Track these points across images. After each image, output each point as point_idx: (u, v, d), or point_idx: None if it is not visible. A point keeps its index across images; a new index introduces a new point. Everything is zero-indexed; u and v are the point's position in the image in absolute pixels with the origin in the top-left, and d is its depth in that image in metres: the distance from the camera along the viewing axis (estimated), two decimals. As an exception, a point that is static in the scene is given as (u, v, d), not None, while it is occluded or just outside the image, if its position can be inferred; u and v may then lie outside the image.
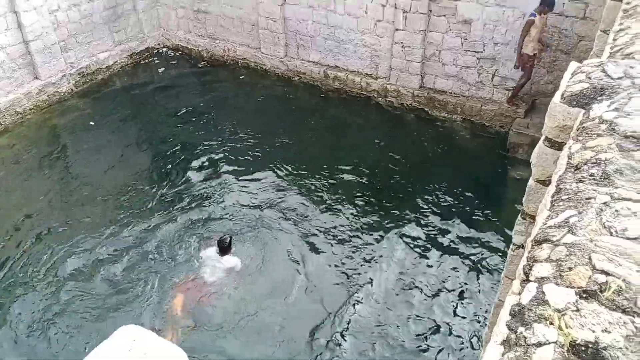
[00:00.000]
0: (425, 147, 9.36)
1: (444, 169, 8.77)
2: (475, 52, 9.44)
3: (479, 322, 6.24)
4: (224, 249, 6.77)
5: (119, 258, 7.08)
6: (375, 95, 10.65)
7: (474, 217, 7.76)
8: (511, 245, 3.42)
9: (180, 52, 12.86)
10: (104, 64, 11.78)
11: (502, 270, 6.82)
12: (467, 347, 6.01)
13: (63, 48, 10.90)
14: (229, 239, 6.84)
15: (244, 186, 8.48)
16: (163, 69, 12.31)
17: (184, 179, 8.68)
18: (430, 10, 9.42)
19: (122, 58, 12.17)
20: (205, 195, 8.30)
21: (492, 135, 9.48)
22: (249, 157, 9.18)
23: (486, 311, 6.36)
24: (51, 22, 10.45)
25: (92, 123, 10.25)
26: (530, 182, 3.06)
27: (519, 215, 3.27)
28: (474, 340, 6.05)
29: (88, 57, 11.51)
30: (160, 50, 12.92)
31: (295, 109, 10.64)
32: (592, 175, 2.08)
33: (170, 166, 9.03)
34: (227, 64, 12.27)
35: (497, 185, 8.48)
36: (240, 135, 9.82)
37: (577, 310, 1.49)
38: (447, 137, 9.61)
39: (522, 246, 3.35)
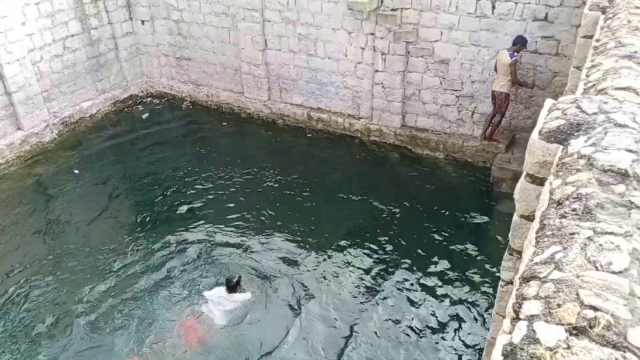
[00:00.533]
0: (410, 185, 9.44)
1: (429, 206, 8.82)
2: (454, 90, 9.67)
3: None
4: (233, 287, 6.92)
5: (102, 308, 6.94)
6: (359, 135, 10.78)
7: (462, 255, 7.77)
8: (500, 282, 3.42)
9: (164, 99, 12.96)
10: (87, 112, 11.81)
11: (493, 306, 6.83)
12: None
13: (46, 98, 10.93)
14: (237, 277, 7.02)
15: (230, 231, 8.43)
16: (147, 114, 12.37)
17: (169, 226, 8.61)
18: (409, 52, 9.68)
19: (106, 106, 12.23)
20: (191, 241, 8.22)
21: (475, 171, 9.61)
22: (234, 202, 9.16)
23: (475, 347, 6.30)
24: (34, 73, 10.52)
25: (76, 171, 10.19)
26: (515, 217, 3.09)
27: (506, 251, 3.29)
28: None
29: (71, 107, 11.54)
30: (144, 98, 13.01)
31: (280, 151, 10.71)
32: (574, 210, 2.11)
33: (155, 214, 8.96)
34: (211, 109, 12.38)
35: (483, 220, 8.53)
36: (226, 179, 9.82)
37: (568, 347, 1.48)
38: (430, 174, 9.71)
39: (511, 282, 3.35)
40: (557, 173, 2.46)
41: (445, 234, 8.16)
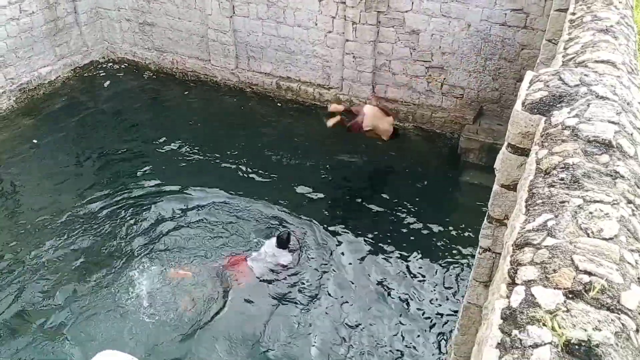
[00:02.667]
0: (378, 155, 9.50)
1: (398, 175, 8.95)
2: (424, 61, 9.70)
3: (443, 324, 6.37)
4: (282, 243, 7.05)
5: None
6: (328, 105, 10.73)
7: (430, 224, 7.93)
8: (478, 249, 3.51)
9: (126, 65, 12.54)
10: (46, 79, 11.33)
11: (459, 272, 7.05)
12: (432, 354, 6.12)
13: (2, 64, 10.42)
14: (287, 234, 7.17)
15: (194, 200, 8.34)
16: (108, 82, 11.96)
17: (131, 195, 8.47)
18: (379, 22, 9.62)
19: (65, 73, 11.75)
20: (153, 210, 8.11)
21: (444, 141, 9.75)
22: (199, 170, 9.06)
23: (448, 314, 6.51)
24: (-12, 37, 9.99)
25: (35, 141, 9.82)
26: (495, 187, 3.16)
27: (485, 219, 3.37)
28: (442, 343, 6.17)
29: (29, 73, 11.04)
30: (105, 64, 12.56)
31: (248, 120, 10.59)
32: (562, 179, 2.18)
33: (117, 183, 8.77)
34: (176, 77, 12.06)
35: (450, 190, 8.72)
36: (191, 147, 9.67)
37: (567, 310, 1.55)
38: (399, 144, 9.78)
39: (489, 249, 3.45)
40: (542, 143, 2.52)
41: (414, 204, 8.30)
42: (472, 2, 8.88)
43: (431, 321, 6.45)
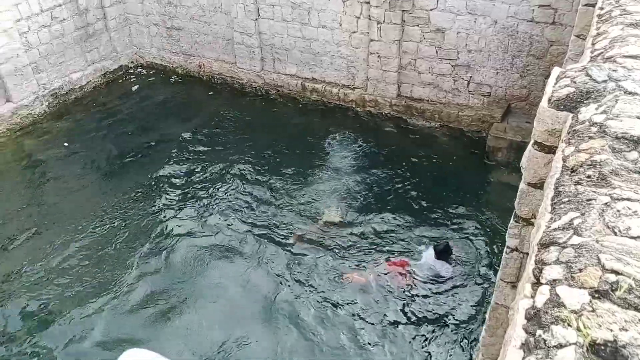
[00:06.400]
0: (405, 155, 9.44)
1: (425, 175, 8.87)
2: (450, 59, 9.61)
3: (471, 325, 6.30)
4: (439, 253, 6.86)
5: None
6: (354, 106, 10.74)
7: (458, 223, 7.84)
8: (505, 249, 3.46)
9: (154, 70, 12.76)
10: (77, 84, 11.62)
11: (486, 272, 6.94)
12: (457, 348, 6.06)
13: (35, 70, 10.72)
14: (444, 244, 6.93)
15: (220, 202, 8.43)
16: (137, 86, 12.20)
17: (158, 197, 8.66)
18: (404, 20, 9.57)
19: (96, 77, 12.03)
20: (181, 210, 8.25)
21: (471, 140, 9.63)
22: (228, 171, 9.15)
23: (472, 316, 6.43)
24: (22, 44, 10.29)
25: (65, 144, 10.08)
26: (522, 185, 3.11)
27: (512, 219, 3.32)
28: (464, 343, 6.10)
29: (61, 78, 11.34)
30: (134, 69, 12.80)
31: (274, 121, 10.65)
32: (589, 177, 2.14)
33: (144, 185, 8.96)
34: (203, 80, 12.22)
35: (479, 189, 8.59)
36: (218, 149, 9.78)
37: (593, 310, 1.52)
38: (426, 143, 9.73)
39: (516, 249, 3.40)
40: (569, 140, 2.47)
41: (442, 203, 8.22)
42: (499, -2, 8.75)
43: (459, 323, 6.37)
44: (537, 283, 1.74)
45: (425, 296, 6.70)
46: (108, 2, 11.86)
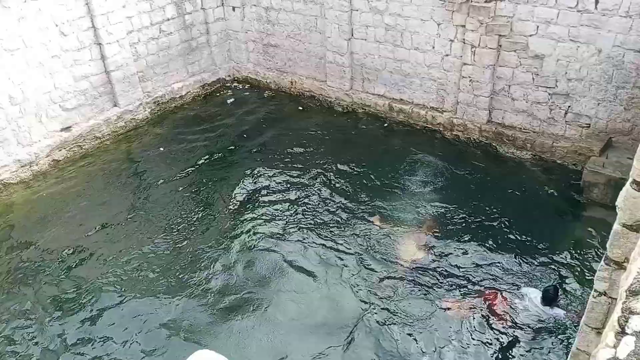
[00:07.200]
0: (493, 185, 9.09)
1: (512, 207, 8.46)
2: (548, 87, 9.20)
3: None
4: (548, 299, 6.37)
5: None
6: (441, 129, 10.55)
7: (547, 263, 7.38)
8: (592, 292, 3.24)
9: (249, 84, 13.29)
10: (177, 93, 12.34)
11: (578, 311, 6.49)
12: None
13: (141, 78, 11.53)
14: (553, 288, 6.44)
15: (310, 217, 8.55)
16: (233, 99, 12.75)
17: (247, 204, 8.98)
18: (500, 45, 9.31)
19: (195, 88, 12.72)
20: (273, 221, 8.47)
21: (565, 173, 9.12)
22: (313, 183, 9.35)
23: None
24: (131, 54, 11.11)
25: (161, 149, 10.72)
26: (616, 226, 2.91)
27: (602, 261, 3.10)
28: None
29: (163, 87, 12.11)
30: (230, 82, 13.41)
31: (360, 140, 10.69)
32: (692, 223, 1.96)
33: (232, 190, 9.34)
34: (294, 96, 12.54)
35: (571, 227, 8.07)
36: (307, 164, 9.96)
37: (683, 369, 1.38)
38: (515, 173, 9.32)
39: (605, 293, 3.17)
40: (672, 182, 2.28)
41: (530, 239, 7.79)
42: (605, 27, 8.29)
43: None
44: (621, 332, 1.62)
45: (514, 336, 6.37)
46: (212, 18, 12.56)
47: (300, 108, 12.12)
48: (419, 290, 7.04)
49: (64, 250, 8.01)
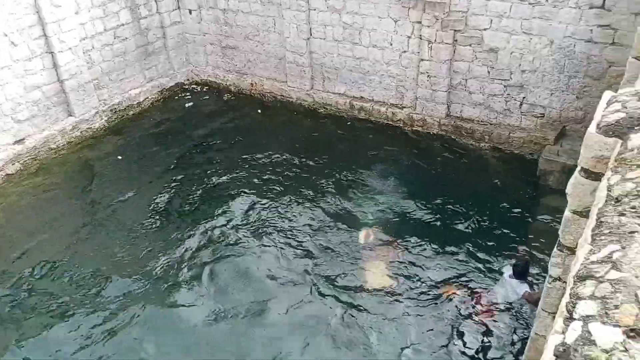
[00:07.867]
0: (454, 176, 9.27)
1: (472, 197, 8.65)
2: (503, 80, 9.41)
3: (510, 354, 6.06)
4: (517, 273, 6.46)
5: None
6: (402, 125, 10.67)
7: (505, 249, 7.57)
8: (547, 278, 3.33)
9: (208, 87, 13.13)
10: (135, 100, 12.10)
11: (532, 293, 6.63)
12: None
13: (96, 86, 11.25)
14: (524, 264, 6.47)
15: (269, 220, 8.52)
16: (191, 103, 12.57)
17: (201, 209, 8.92)
18: (456, 40, 9.47)
19: (153, 94, 12.49)
20: (233, 228, 8.38)
21: (522, 162, 9.35)
22: (276, 186, 9.30)
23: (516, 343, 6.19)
24: (85, 62, 10.83)
25: (119, 157, 10.48)
26: (567, 213, 3.00)
27: (555, 247, 3.19)
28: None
29: (120, 94, 11.84)
30: (189, 86, 13.22)
31: (323, 139, 10.71)
32: (633, 208, 2.03)
33: (191, 196, 9.24)
34: (255, 97, 12.46)
35: (528, 214, 8.30)
36: (267, 165, 9.92)
37: (625, 350, 1.43)
38: (475, 165, 9.52)
39: (559, 279, 3.26)
40: (615, 168, 2.36)
41: (489, 227, 8.00)
42: (556, 18, 8.53)
43: (499, 351, 6.14)
44: (569, 318, 1.66)
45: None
46: (168, 22, 12.36)
47: (261, 110, 12.04)
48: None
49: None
